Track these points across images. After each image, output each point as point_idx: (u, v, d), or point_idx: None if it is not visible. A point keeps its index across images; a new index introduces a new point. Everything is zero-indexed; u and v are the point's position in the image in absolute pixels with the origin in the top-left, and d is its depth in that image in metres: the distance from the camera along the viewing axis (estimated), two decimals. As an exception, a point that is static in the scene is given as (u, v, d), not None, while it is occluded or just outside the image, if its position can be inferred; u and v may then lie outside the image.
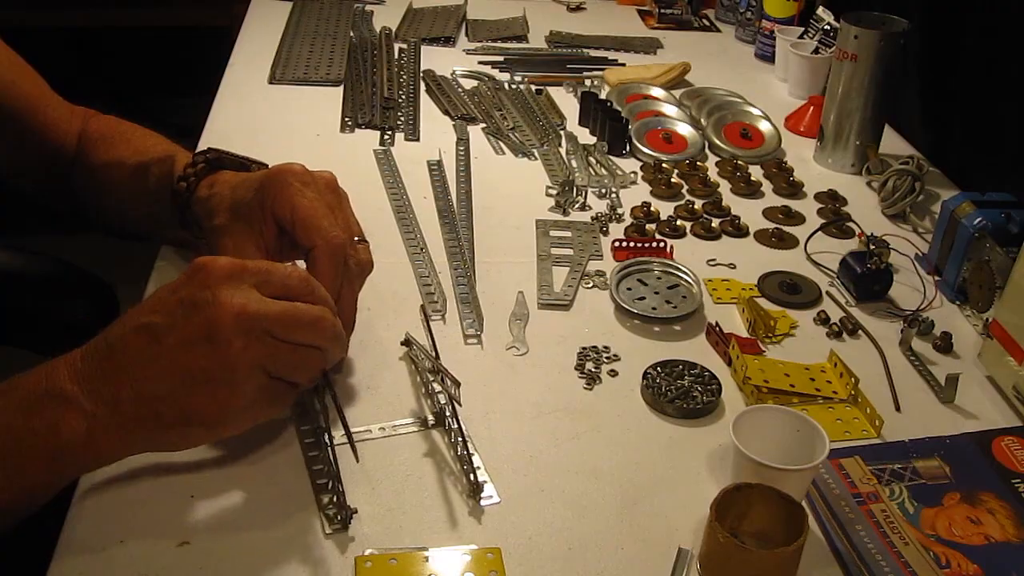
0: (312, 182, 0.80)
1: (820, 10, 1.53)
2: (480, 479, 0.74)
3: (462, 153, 1.26)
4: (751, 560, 0.65)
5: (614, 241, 1.07)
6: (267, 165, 0.87)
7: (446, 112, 1.38)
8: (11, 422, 0.64)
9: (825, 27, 1.49)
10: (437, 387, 0.83)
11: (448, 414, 0.79)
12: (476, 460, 0.76)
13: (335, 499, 0.71)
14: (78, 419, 0.64)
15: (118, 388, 0.64)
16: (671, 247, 1.06)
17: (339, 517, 0.70)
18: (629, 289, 0.98)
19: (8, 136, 0.97)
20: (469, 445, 0.76)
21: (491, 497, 0.74)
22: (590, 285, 1.00)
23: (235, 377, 0.65)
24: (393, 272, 1.00)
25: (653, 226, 1.12)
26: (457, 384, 0.76)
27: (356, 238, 0.83)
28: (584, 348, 0.90)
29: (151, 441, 0.67)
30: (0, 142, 0.98)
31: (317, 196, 0.80)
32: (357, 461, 0.73)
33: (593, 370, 0.88)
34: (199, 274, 0.66)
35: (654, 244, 1.06)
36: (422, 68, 1.52)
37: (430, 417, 0.81)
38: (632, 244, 1.06)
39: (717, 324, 0.93)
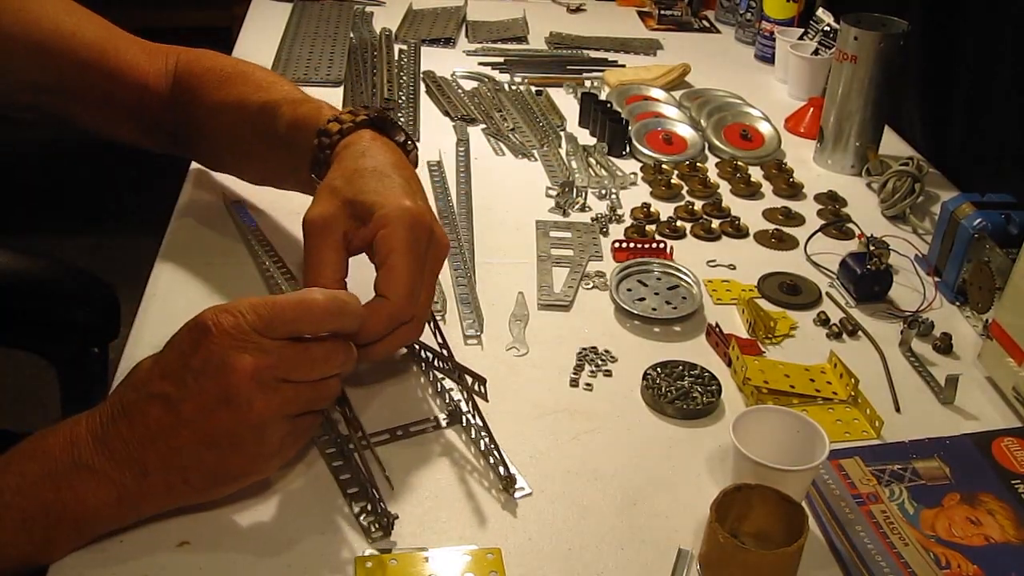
0: (419, 241, 0.75)
1: (820, 11, 1.53)
2: (511, 470, 0.74)
3: (462, 154, 1.26)
4: (751, 561, 0.65)
5: (614, 242, 1.07)
6: (415, 144, 0.87)
7: (446, 113, 1.39)
8: (40, 494, 0.63)
9: (825, 28, 1.50)
10: (448, 384, 0.83)
11: (468, 410, 0.79)
12: (503, 454, 0.76)
13: (371, 507, 0.71)
14: (107, 490, 0.64)
15: (144, 458, 0.64)
16: (671, 248, 1.06)
17: (379, 524, 0.70)
18: (629, 290, 0.98)
19: (86, 89, 0.95)
20: (495, 438, 0.76)
21: (523, 489, 0.74)
22: (590, 286, 1.00)
23: (261, 433, 0.65)
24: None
25: (653, 227, 1.12)
26: (483, 380, 0.77)
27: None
28: (584, 349, 0.90)
29: (181, 502, 0.68)
30: (80, 98, 0.96)
31: (414, 262, 0.74)
32: (384, 472, 0.73)
33: (593, 371, 0.88)
34: (205, 338, 0.64)
35: (654, 245, 1.06)
36: (422, 69, 1.53)
37: (442, 416, 0.81)
38: (632, 245, 1.06)
39: (717, 325, 0.93)
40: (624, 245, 1.06)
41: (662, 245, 1.06)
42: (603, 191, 1.19)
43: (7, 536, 0.62)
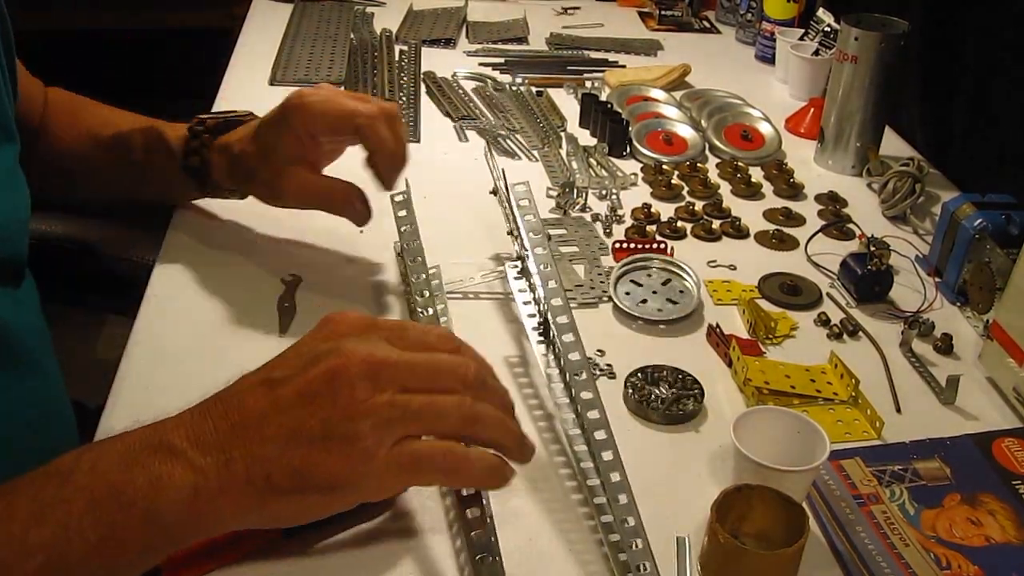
0: (316, 91, 0.90)
1: (820, 12, 1.53)
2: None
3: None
4: (751, 561, 0.65)
5: (615, 242, 1.07)
6: (252, 115, 0.98)
7: (447, 114, 1.38)
8: (112, 474, 0.57)
9: (825, 29, 1.50)
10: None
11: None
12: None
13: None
14: (184, 474, 0.57)
15: (230, 447, 0.58)
16: (671, 248, 1.06)
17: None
18: (627, 293, 0.98)
19: None
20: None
21: None
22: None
23: (357, 429, 0.58)
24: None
25: (653, 227, 1.12)
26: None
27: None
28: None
29: (261, 510, 0.60)
30: None
31: (329, 95, 0.90)
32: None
33: (592, 371, 0.88)
34: (325, 327, 0.63)
35: (654, 245, 1.06)
36: (423, 70, 1.53)
37: None
38: (633, 245, 1.06)
39: (718, 325, 0.93)
40: (625, 245, 1.06)
41: (663, 245, 1.06)
42: (604, 191, 1.19)
43: (75, 520, 0.55)
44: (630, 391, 0.84)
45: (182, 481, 0.57)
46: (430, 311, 0.85)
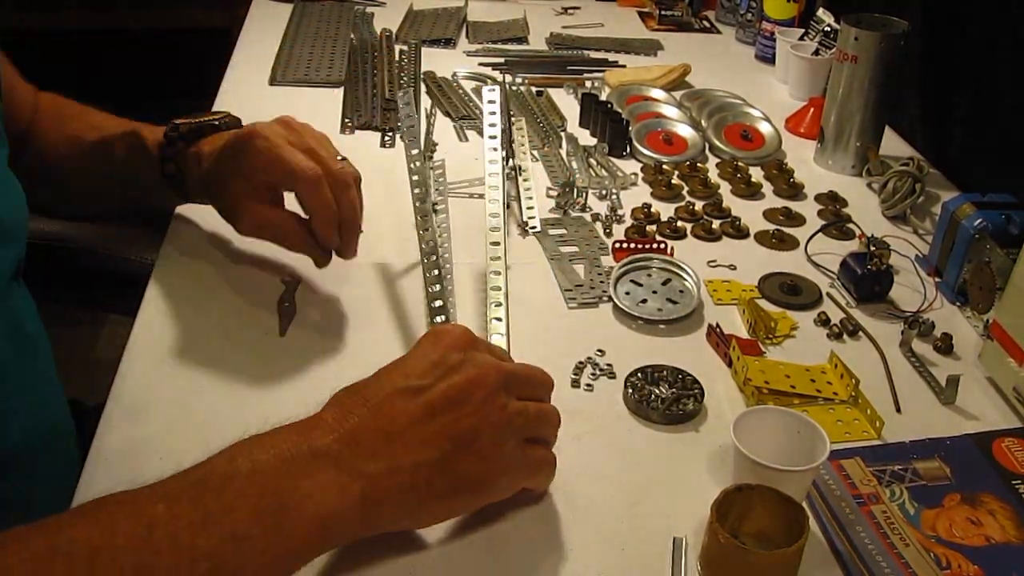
0: (268, 131, 0.87)
1: (820, 12, 1.53)
2: None
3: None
4: (751, 561, 0.65)
5: (615, 242, 1.07)
6: (229, 116, 0.96)
7: (447, 114, 1.38)
8: (276, 480, 0.58)
9: (825, 29, 1.50)
10: None
11: None
12: None
13: None
14: (351, 482, 0.60)
15: (393, 454, 0.61)
16: (671, 248, 1.06)
17: None
18: (628, 293, 0.98)
19: None
20: None
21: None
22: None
23: (502, 434, 0.64)
24: (409, 280, 1.00)
25: (653, 227, 1.12)
26: None
27: (339, 156, 0.89)
28: (583, 349, 0.90)
29: (418, 513, 0.64)
30: None
31: (276, 142, 0.86)
32: None
33: (593, 371, 0.88)
34: (442, 339, 0.66)
35: (654, 245, 1.06)
36: (423, 70, 1.53)
37: None
38: (633, 245, 1.06)
39: (718, 325, 0.93)
40: (625, 245, 1.06)
41: (663, 245, 1.06)
42: (604, 191, 1.19)
43: (241, 527, 0.56)
44: (630, 391, 0.84)
45: (350, 488, 0.59)
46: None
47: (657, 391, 0.84)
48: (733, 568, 0.65)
